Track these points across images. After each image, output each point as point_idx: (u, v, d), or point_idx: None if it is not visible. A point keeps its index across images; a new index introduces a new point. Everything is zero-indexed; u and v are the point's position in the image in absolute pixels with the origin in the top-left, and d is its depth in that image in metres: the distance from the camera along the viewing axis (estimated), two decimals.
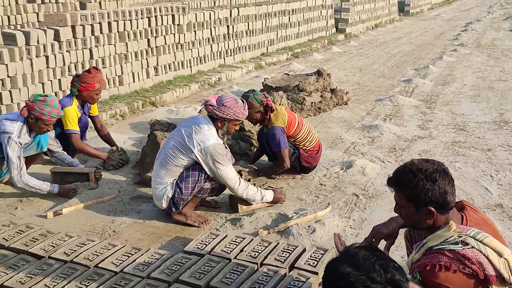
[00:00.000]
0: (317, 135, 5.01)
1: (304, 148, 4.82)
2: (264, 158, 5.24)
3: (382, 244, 2.63)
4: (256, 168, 4.97)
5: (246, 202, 4.16)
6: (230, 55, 10.59)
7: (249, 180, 4.66)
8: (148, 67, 8.30)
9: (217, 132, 3.98)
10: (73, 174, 4.70)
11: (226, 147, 4.03)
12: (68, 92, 6.63)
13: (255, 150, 5.32)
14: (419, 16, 22.96)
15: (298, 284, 3.00)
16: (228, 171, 3.93)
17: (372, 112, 7.36)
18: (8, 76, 5.92)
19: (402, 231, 2.85)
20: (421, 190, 2.24)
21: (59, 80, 6.67)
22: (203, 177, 3.92)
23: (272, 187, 4.43)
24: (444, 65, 11.04)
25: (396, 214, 2.71)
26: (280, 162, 4.71)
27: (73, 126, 5.03)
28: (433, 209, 2.24)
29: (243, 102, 4.03)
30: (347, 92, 7.81)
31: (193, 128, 3.91)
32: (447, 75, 9.98)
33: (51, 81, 6.55)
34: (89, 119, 5.46)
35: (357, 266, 1.54)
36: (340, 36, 15.29)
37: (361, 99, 8.13)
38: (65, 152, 4.87)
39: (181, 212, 4.01)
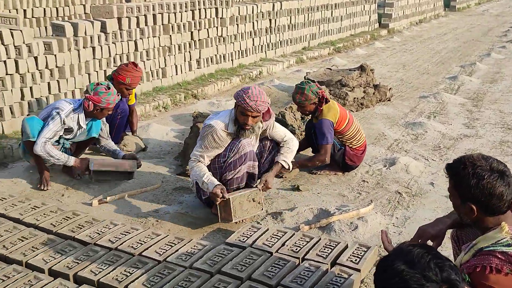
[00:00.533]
0: (365, 135, 4.93)
1: (350, 146, 4.74)
2: (304, 153, 5.23)
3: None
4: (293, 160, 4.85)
5: (241, 212, 3.81)
6: (272, 49, 10.57)
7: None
8: (190, 59, 8.36)
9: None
10: (113, 173, 4.66)
11: (234, 138, 3.88)
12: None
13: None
14: (466, 11, 22.35)
15: (340, 280, 2.98)
16: (196, 148, 3.92)
17: (416, 109, 7.21)
18: (56, 66, 6.07)
19: (448, 232, 2.79)
20: (465, 185, 2.19)
21: (105, 71, 6.79)
22: (218, 164, 3.93)
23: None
24: (492, 62, 10.72)
25: (442, 215, 2.66)
26: (321, 155, 4.64)
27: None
28: (474, 207, 2.18)
29: (267, 98, 3.85)
30: (390, 88, 7.68)
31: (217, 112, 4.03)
32: (495, 73, 9.69)
33: (96, 71, 6.67)
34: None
35: (411, 264, 1.50)
36: (383, 31, 15.04)
37: (405, 95, 7.98)
38: (112, 142, 4.98)
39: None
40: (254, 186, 4.00)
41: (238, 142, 3.87)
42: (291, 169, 4.24)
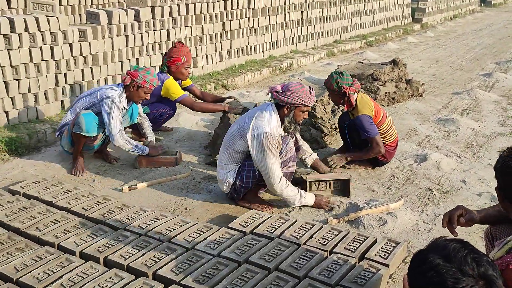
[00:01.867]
0: (397, 131, 4.87)
1: (383, 141, 4.68)
2: (332, 146, 5.20)
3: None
4: (340, 154, 4.80)
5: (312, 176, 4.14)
6: (303, 41, 10.51)
7: (334, 167, 4.62)
8: (221, 50, 8.38)
9: (283, 121, 3.88)
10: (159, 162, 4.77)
11: (282, 140, 3.88)
12: None
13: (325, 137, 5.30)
14: (502, 7, 21.82)
15: (368, 275, 2.96)
16: (273, 164, 3.77)
17: (449, 105, 7.09)
18: (90, 54, 6.15)
19: (483, 228, 2.75)
20: (497, 170, 2.17)
21: (137, 59, 6.86)
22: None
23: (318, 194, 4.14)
24: None
25: (475, 208, 2.63)
26: (374, 148, 4.58)
27: (180, 92, 5.22)
28: (499, 192, 2.16)
29: (310, 88, 3.92)
30: (422, 84, 7.57)
31: (256, 114, 3.87)
32: None
33: (129, 60, 6.74)
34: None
35: (447, 257, 1.47)
36: (416, 26, 14.80)
37: (437, 91, 7.85)
38: (147, 122, 5.06)
39: (244, 198, 4.05)
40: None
41: (286, 145, 3.89)
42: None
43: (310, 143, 5.16)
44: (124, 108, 4.63)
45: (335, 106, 5.91)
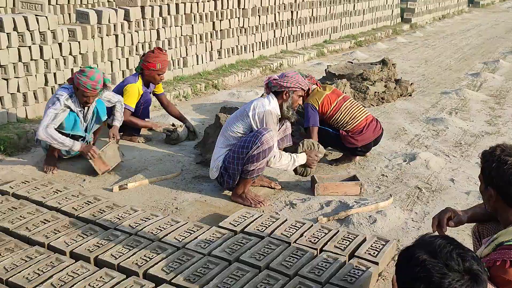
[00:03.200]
0: (366, 116, 4.78)
1: (344, 129, 4.73)
2: None
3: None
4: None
5: (324, 188, 4.22)
6: (293, 41, 10.54)
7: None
8: (212, 50, 8.38)
9: (282, 106, 4.07)
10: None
11: (283, 123, 4.19)
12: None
13: None
14: (490, 8, 22.02)
15: (358, 273, 2.98)
16: (267, 132, 3.92)
17: (437, 105, 7.15)
18: (80, 53, 6.13)
19: (471, 226, 2.78)
20: (491, 169, 2.20)
21: (127, 59, 6.85)
22: (243, 152, 3.96)
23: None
24: None
25: (463, 206, 2.67)
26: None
27: (129, 102, 5.22)
28: (492, 192, 2.18)
29: (303, 77, 4.21)
30: (412, 83, 7.62)
31: (257, 99, 4.15)
32: None
33: (119, 59, 6.73)
34: (152, 97, 5.61)
35: (433, 253, 1.50)
36: (405, 26, 14.89)
37: (426, 91, 7.91)
38: (120, 105, 5.00)
39: (236, 194, 4.08)
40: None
41: (262, 136, 3.86)
42: None
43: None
44: (79, 110, 4.55)
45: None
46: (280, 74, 4.14)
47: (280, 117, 4.13)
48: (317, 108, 4.69)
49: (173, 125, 5.48)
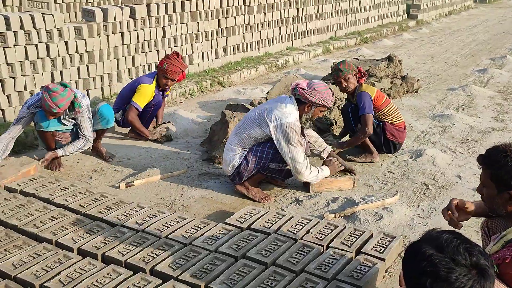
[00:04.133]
0: (402, 119, 5.00)
1: (390, 121, 4.84)
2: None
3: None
4: (340, 141, 5.04)
5: (319, 184, 4.21)
6: (298, 38, 10.52)
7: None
8: (217, 47, 8.38)
9: (301, 116, 4.01)
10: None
11: (302, 133, 4.10)
12: (141, 69, 6.87)
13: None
14: (497, 3, 21.88)
15: (365, 269, 2.98)
16: (297, 153, 3.92)
17: (444, 101, 7.12)
18: (86, 51, 6.15)
19: (478, 222, 2.76)
20: (507, 171, 2.16)
21: (133, 57, 6.87)
22: (270, 156, 3.97)
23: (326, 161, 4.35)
24: None
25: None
26: (363, 128, 4.70)
27: (138, 101, 5.24)
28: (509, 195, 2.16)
29: (331, 90, 4.06)
30: (418, 80, 7.59)
31: (277, 105, 3.98)
32: None
33: (125, 57, 6.75)
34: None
35: (440, 248, 1.49)
36: (411, 22, 14.83)
37: (432, 87, 7.88)
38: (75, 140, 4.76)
39: (243, 184, 4.11)
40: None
41: (304, 137, 4.04)
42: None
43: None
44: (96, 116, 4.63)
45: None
46: (309, 84, 3.99)
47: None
48: (372, 99, 4.74)
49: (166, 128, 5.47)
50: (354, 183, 4.32)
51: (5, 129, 5.13)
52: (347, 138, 5.19)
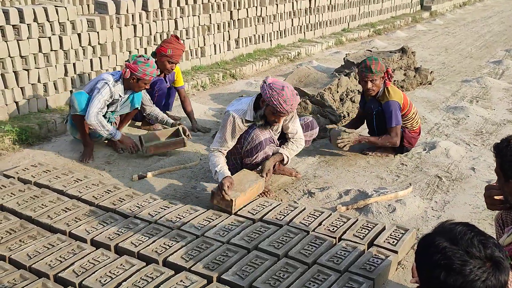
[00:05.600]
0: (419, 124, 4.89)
1: (409, 128, 4.71)
2: None
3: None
4: (355, 133, 4.68)
5: (238, 200, 3.66)
6: (311, 30, 10.46)
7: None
8: (229, 39, 8.36)
9: (257, 111, 3.84)
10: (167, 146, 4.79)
11: (248, 127, 3.90)
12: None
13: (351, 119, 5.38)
14: None
15: (377, 261, 2.97)
16: (215, 139, 3.96)
17: (458, 93, 7.05)
18: (98, 43, 6.16)
19: (492, 215, 2.74)
20: (507, 161, 2.14)
21: (145, 49, 6.87)
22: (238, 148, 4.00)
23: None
24: None
25: (483, 200, 2.62)
26: (392, 138, 4.56)
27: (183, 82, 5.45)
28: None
29: (295, 95, 3.74)
30: (431, 72, 7.52)
31: (242, 97, 4.12)
32: None
33: (137, 49, 6.75)
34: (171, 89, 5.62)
35: (454, 240, 1.48)
36: (425, 14, 14.67)
37: (446, 79, 7.80)
38: (157, 108, 5.12)
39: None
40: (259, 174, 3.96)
41: (252, 131, 3.88)
42: (287, 164, 4.19)
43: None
44: (120, 96, 4.66)
45: (344, 95, 5.91)
46: (273, 82, 3.72)
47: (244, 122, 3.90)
48: (401, 107, 4.60)
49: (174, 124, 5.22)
50: (265, 186, 3.96)
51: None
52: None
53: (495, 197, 2.45)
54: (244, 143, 3.94)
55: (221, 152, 3.93)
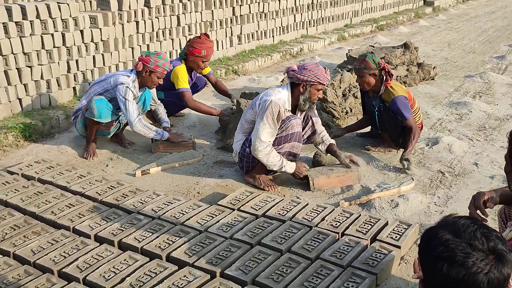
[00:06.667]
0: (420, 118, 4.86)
1: None
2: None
3: None
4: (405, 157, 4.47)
5: (320, 180, 4.03)
6: (313, 26, 10.45)
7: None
8: (232, 35, 8.36)
9: (298, 100, 3.97)
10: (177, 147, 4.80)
11: (288, 116, 3.93)
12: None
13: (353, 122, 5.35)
14: None
15: (380, 256, 2.98)
16: (263, 130, 3.86)
17: (461, 88, 7.04)
18: (101, 40, 6.17)
19: (495, 210, 2.74)
20: None
21: (148, 45, 6.87)
22: None
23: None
24: None
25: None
26: (414, 130, 4.50)
27: (183, 84, 5.22)
28: None
29: (325, 68, 3.98)
30: (434, 67, 7.51)
31: (270, 89, 4.09)
32: None
33: (140, 46, 6.75)
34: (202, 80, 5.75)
35: (457, 233, 1.48)
36: (428, 9, 14.62)
37: (449, 75, 7.79)
38: (161, 107, 5.13)
39: (250, 174, 4.14)
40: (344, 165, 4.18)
41: (289, 121, 3.90)
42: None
43: None
44: (135, 96, 4.65)
45: (346, 90, 5.90)
46: (300, 66, 4.00)
47: (299, 109, 4.06)
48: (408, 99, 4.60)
49: (231, 108, 5.41)
50: (359, 178, 4.13)
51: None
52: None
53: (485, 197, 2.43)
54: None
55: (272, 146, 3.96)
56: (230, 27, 8.30)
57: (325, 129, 4.36)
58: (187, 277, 2.79)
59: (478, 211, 2.39)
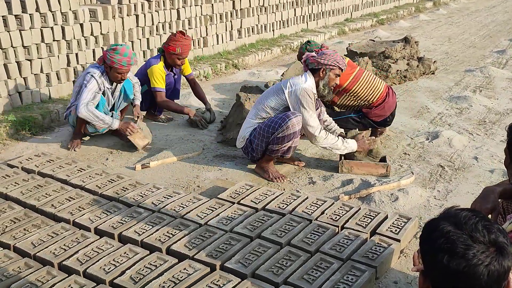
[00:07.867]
0: (384, 84, 4.68)
1: (368, 105, 4.59)
2: None
3: None
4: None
5: (349, 164, 4.21)
6: (313, 20, 10.43)
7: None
8: (232, 29, 8.34)
9: (318, 85, 4.06)
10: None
11: (317, 98, 4.12)
12: (155, 51, 6.86)
13: None
14: None
15: (380, 249, 2.98)
16: (310, 117, 3.99)
17: (461, 83, 7.03)
18: (101, 33, 6.16)
19: None
20: None
21: (147, 39, 6.86)
22: (275, 125, 3.97)
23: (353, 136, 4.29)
24: None
25: (487, 184, 2.61)
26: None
27: (157, 84, 5.22)
28: None
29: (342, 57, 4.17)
30: (434, 61, 7.50)
31: (293, 77, 4.14)
32: None
33: (139, 39, 6.74)
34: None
35: (458, 225, 1.48)
36: (428, 3, 14.60)
37: (449, 69, 7.78)
38: (138, 85, 5.06)
39: (260, 166, 4.16)
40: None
41: (289, 120, 3.90)
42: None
43: None
44: (107, 87, 4.64)
45: None
46: (319, 52, 4.13)
47: (318, 95, 4.13)
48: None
49: (202, 112, 5.41)
50: (387, 170, 4.16)
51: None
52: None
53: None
54: (276, 129, 3.93)
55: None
56: (230, 21, 8.29)
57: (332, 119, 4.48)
58: (187, 270, 2.79)
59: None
